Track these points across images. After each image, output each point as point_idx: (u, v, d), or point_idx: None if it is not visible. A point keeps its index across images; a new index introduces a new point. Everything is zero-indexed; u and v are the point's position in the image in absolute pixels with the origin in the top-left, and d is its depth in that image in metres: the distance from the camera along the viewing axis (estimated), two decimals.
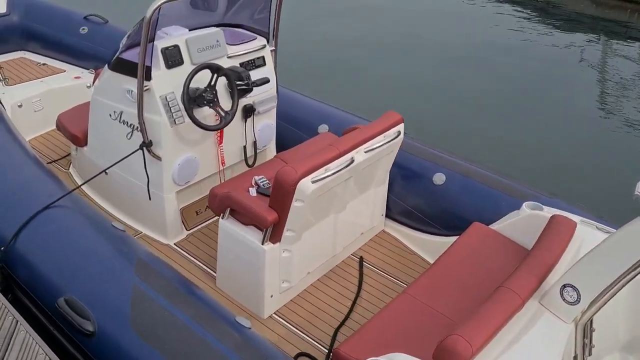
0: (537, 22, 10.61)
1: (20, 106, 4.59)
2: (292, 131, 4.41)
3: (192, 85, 3.46)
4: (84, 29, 5.20)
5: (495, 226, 3.44)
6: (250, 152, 4.07)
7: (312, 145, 3.82)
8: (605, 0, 12.24)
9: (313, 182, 2.98)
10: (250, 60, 3.91)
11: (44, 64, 5.28)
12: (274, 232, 3.12)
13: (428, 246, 3.87)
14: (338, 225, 3.56)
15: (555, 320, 2.45)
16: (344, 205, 3.51)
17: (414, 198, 3.86)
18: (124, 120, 3.55)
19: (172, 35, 3.53)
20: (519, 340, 2.31)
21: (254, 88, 3.68)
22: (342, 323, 3.34)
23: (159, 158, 3.48)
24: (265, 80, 3.74)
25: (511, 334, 2.34)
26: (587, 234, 2.98)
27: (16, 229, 3.05)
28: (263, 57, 3.98)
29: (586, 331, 2.48)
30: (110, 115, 3.62)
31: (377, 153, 3.37)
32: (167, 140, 3.45)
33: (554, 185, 5.50)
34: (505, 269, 3.13)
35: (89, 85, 4.98)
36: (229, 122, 3.55)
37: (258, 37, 4.02)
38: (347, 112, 4.42)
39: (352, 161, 3.20)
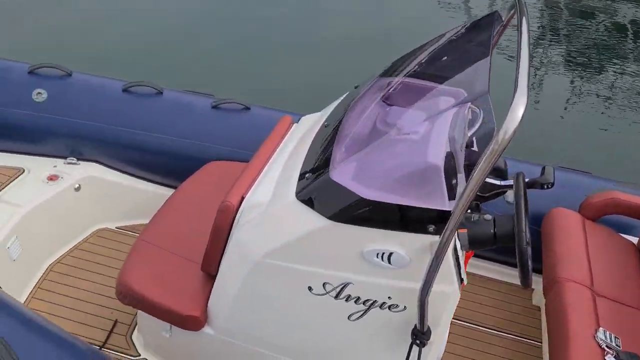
0: None
1: None
2: None
3: None
4: (39, 92, 3.14)
5: None
6: None
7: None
8: None
9: None
10: None
11: None
12: None
13: None
14: None
15: None
16: None
17: None
18: (347, 296, 2.11)
19: (436, 137, 2.03)
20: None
21: None
22: None
23: (423, 345, 2.08)
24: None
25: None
26: None
27: None
28: None
29: None
30: (310, 288, 2.11)
31: None
32: (447, 317, 2.11)
33: None
34: None
35: (77, 186, 3.11)
36: None
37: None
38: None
39: None
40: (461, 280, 2.03)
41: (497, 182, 2.31)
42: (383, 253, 1.94)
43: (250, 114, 3.22)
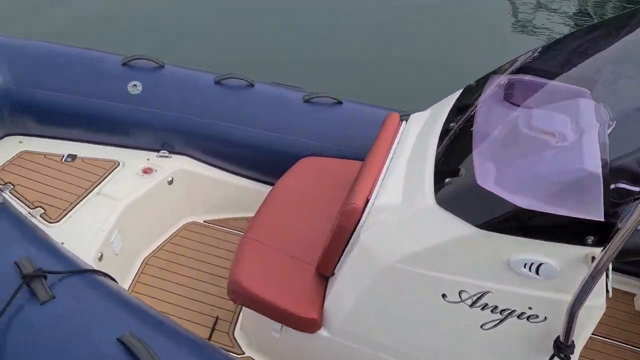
0: None
1: (100, 258, 2.65)
2: None
3: None
4: (135, 85, 3.10)
5: None
6: None
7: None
8: None
9: None
10: None
11: (70, 158, 3.09)
12: None
13: None
14: None
15: None
16: None
17: None
18: (484, 305, 1.99)
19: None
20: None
21: None
22: None
23: (567, 358, 1.98)
24: None
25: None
26: None
27: None
28: None
29: None
30: (444, 295, 2.01)
31: None
32: (589, 330, 1.97)
33: None
34: None
35: (170, 180, 3.08)
36: None
37: None
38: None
39: None
40: (606, 292, 1.92)
41: (632, 188, 2.10)
42: (532, 263, 1.83)
43: (342, 108, 3.14)
